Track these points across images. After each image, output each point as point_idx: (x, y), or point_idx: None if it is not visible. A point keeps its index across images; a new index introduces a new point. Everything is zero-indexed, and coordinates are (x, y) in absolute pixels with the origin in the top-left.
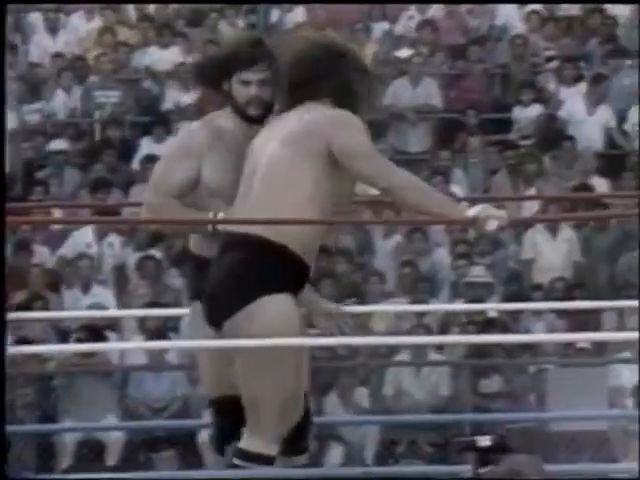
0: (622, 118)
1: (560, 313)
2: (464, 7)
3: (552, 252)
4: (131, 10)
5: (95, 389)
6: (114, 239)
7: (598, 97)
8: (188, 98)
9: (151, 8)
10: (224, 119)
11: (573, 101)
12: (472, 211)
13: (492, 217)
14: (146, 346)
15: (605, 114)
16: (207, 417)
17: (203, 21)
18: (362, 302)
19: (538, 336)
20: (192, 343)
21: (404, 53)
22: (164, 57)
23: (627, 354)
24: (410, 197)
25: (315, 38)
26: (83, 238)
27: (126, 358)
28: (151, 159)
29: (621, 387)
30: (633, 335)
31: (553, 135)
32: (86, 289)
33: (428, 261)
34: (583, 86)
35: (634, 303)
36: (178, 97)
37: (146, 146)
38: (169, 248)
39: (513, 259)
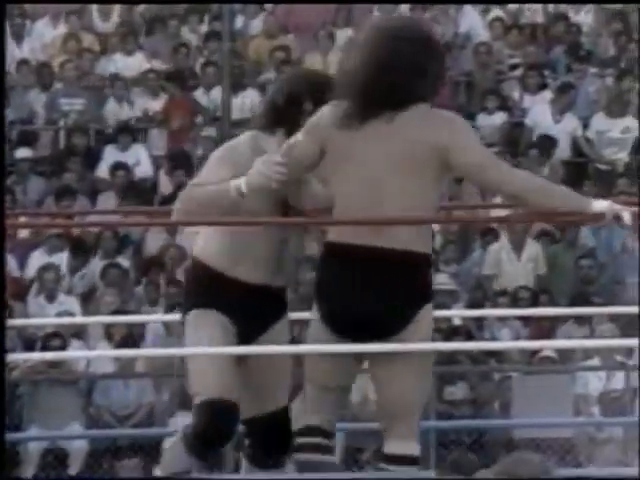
0: (585, 126)
1: (525, 320)
2: (428, 14)
3: (516, 269)
4: (96, 17)
5: (60, 397)
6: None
7: (564, 106)
8: (154, 105)
9: (115, 15)
10: (242, 150)
11: (538, 109)
12: (600, 205)
13: (619, 212)
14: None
15: (571, 122)
16: (172, 425)
17: (166, 28)
18: None
19: (511, 344)
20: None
21: None
22: (129, 64)
23: (595, 361)
24: (538, 200)
25: (398, 28)
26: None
27: (92, 366)
28: (117, 167)
29: (587, 395)
30: (633, 342)
31: (518, 143)
32: (52, 298)
33: None
34: (547, 94)
35: (634, 309)
36: (144, 104)
37: (111, 154)
38: (135, 255)
39: (478, 268)
